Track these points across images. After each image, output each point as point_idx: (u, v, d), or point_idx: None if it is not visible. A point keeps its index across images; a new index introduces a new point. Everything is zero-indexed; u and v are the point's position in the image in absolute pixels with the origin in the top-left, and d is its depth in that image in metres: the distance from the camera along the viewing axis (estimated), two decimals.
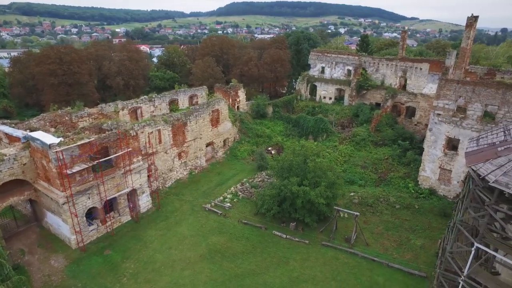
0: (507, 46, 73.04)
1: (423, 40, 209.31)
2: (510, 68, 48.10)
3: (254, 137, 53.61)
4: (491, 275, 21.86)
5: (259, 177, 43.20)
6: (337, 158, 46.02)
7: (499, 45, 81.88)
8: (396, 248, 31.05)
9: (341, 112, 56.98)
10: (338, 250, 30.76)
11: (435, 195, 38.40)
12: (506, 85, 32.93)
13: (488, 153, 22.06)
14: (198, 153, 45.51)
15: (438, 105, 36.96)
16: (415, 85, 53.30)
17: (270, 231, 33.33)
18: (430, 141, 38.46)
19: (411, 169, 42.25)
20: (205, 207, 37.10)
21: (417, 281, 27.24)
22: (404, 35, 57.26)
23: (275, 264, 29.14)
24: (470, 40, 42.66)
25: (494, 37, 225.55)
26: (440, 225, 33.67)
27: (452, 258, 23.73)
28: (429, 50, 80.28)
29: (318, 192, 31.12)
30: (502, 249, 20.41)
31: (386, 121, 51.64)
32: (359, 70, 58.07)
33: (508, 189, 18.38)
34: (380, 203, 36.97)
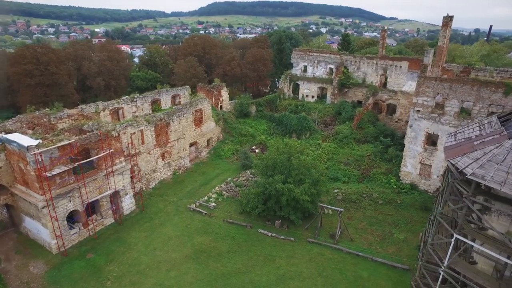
0: (480, 45, 75.60)
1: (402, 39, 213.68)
2: (483, 66, 49.70)
3: (238, 136, 53.56)
4: (469, 264, 22.58)
5: (244, 176, 43.19)
6: (321, 156, 46.48)
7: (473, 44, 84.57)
8: (379, 243, 31.63)
9: (324, 110, 57.57)
10: (323, 246, 31.09)
11: (416, 189, 39.30)
12: (481, 82, 34.03)
13: (465, 147, 22.75)
14: (181, 153, 45.11)
15: (418, 102, 37.84)
16: (395, 82, 54.38)
17: (256, 229, 33.38)
18: (411, 137, 39.35)
19: (393, 165, 43.11)
20: (190, 207, 36.83)
21: (400, 273, 27.83)
22: (384, 34, 58.34)
23: (261, 262, 29.21)
24: (446, 39, 43.86)
25: (468, 37, 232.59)
26: (421, 218, 34.49)
27: (433, 250, 24.37)
28: (408, 48, 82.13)
29: (302, 189, 31.39)
30: (479, 239, 21.13)
31: (368, 119, 52.51)
32: (341, 68, 58.81)
33: (484, 181, 19.01)
34: (364, 199, 37.58)
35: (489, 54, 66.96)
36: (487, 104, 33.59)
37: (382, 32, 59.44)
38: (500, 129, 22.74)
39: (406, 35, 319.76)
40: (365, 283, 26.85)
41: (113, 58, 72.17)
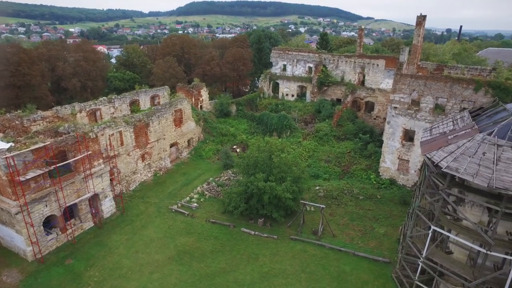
0: (451, 44, 78.03)
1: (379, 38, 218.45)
2: (455, 64, 51.39)
3: (219, 136, 53.35)
4: (446, 254, 23.37)
5: (225, 176, 43.07)
6: (302, 154, 46.90)
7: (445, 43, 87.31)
8: (361, 237, 32.21)
9: (304, 109, 58.12)
10: (306, 243, 31.39)
11: (395, 184, 40.26)
12: (453, 79, 35.25)
13: (440, 141, 23.51)
14: (162, 154, 44.52)
15: (395, 99, 38.77)
16: (372, 80, 55.50)
17: (239, 228, 33.35)
18: (389, 133, 40.28)
19: (372, 161, 44.00)
20: (172, 209, 36.40)
21: (381, 266, 28.43)
22: (361, 33, 59.37)
23: (245, 261, 29.21)
24: (420, 37, 45.09)
25: (440, 36, 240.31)
26: (400, 212, 35.35)
27: (412, 242, 25.09)
28: (384, 47, 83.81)
29: (284, 187, 31.59)
30: (454, 229, 21.90)
31: (347, 116, 53.35)
32: (320, 67, 59.50)
33: (458, 173, 19.72)
34: (345, 195, 38.18)
35: (460, 52, 69.18)
36: (459, 100, 34.80)
37: (359, 31, 60.48)
38: (471, 124, 23.63)
39: (383, 34, 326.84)
40: (348, 277, 27.29)
41: (89, 58, 70.30)
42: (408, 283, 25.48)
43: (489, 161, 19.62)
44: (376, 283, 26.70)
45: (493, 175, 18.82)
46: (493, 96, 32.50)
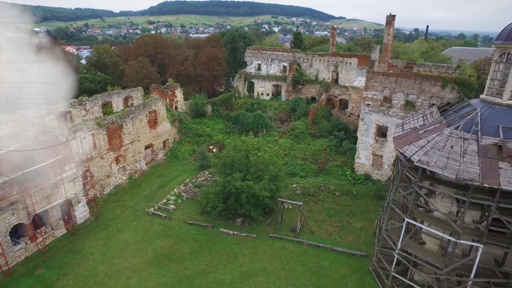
0: (419, 43, 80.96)
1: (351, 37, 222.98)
2: (423, 61, 53.27)
3: (195, 136, 52.83)
4: (419, 245, 24.20)
5: (202, 176, 42.70)
6: (278, 152, 47.21)
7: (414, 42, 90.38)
8: (338, 233, 32.76)
9: (279, 107, 58.53)
10: (285, 241, 31.59)
11: (370, 179, 41.25)
12: (422, 76, 36.54)
13: (411, 136, 24.30)
14: (137, 156, 43.57)
15: (367, 96, 39.71)
16: (346, 78, 56.64)
17: (217, 229, 33.14)
18: (363, 130, 41.21)
19: (347, 158, 44.88)
20: (148, 211, 35.70)
21: (359, 260, 29.03)
22: (333, 33, 60.43)
23: (225, 261, 29.06)
24: (390, 36, 46.45)
25: (409, 36, 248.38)
26: (376, 207, 36.23)
27: (388, 235, 25.81)
28: (356, 46, 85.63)
29: (261, 185, 31.66)
30: (426, 220, 22.71)
31: (322, 114, 54.17)
32: (294, 66, 60.10)
33: (429, 166, 20.44)
34: (321, 191, 38.73)
35: (427, 51, 71.79)
36: (428, 96, 36.08)
37: (332, 30, 61.56)
38: (440, 119, 24.55)
39: (355, 33, 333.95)
40: (327, 273, 27.70)
41: None
42: (384, 275, 26.18)
43: (457, 154, 20.46)
44: (354, 276, 27.25)
45: (460, 167, 19.65)
46: (459, 92, 33.94)
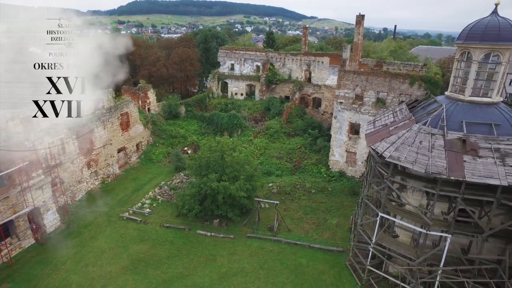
0: (388, 42, 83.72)
1: (323, 37, 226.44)
2: (392, 60, 55.01)
3: (169, 138, 52.02)
4: (392, 238, 24.99)
5: (178, 178, 42.13)
6: (253, 152, 47.31)
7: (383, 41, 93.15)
8: (315, 230, 33.23)
9: (253, 107, 58.67)
10: (263, 240, 31.69)
11: (345, 176, 42.09)
12: (391, 74, 37.71)
13: (383, 133, 24.99)
14: (109, 160, 42.37)
15: (340, 94, 40.51)
16: (318, 77, 57.52)
17: (194, 231, 32.79)
18: (336, 127, 42.00)
19: (322, 155, 45.61)
20: (123, 216, 34.81)
21: (335, 256, 29.54)
22: (305, 32, 61.25)
23: (203, 263, 28.79)
24: (360, 35, 47.63)
25: (378, 35, 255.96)
26: (351, 203, 36.97)
27: (363, 230, 26.44)
28: (328, 45, 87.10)
29: (238, 186, 31.60)
30: (399, 214, 23.48)
31: (296, 113, 54.77)
32: (267, 65, 60.41)
33: (400, 162, 21.13)
34: (297, 190, 39.15)
35: (396, 49, 74.14)
36: (397, 94, 37.27)
37: (304, 30, 62.35)
38: (409, 115, 25.40)
39: (326, 32, 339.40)
40: (305, 270, 28.02)
41: None
42: (360, 269, 26.80)
43: (425, 149, 21.26)
44: (332, 272, 27.72)
45: (429, 162, 20.44)
46: (426, 89, 35.25)
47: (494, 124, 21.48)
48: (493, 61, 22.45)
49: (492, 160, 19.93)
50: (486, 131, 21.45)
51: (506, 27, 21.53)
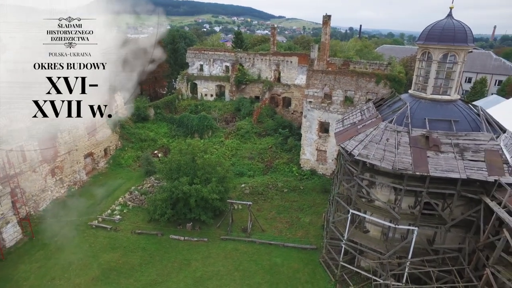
0: (354, 41, 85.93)
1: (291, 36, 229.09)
2: (359, 59, 56.58)
3: (138, 141, 50.72)
4: (363, 233, 25.71)
5: (148, 183, 41.19)
6: (225, 153, 47.10)
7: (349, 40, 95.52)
8: (288, 229, 33.55)
9: (224, 108, 58.37)
10: (237, 242, 31.62)
11: (316, 174, 42.80)
12: (358, 73, 38.78)
13: (351, 131, 25.60)
14: (75, 166, 40.70)
15: (309, 93, 41.13)
16: (288, 77, 58.10)
17: (167, 236, 32.18)
18: (306, 126, 42.62)
19: (293, 154, 46.13)
20: (92, 225, 33.56)
21: (309, 254, 29.96)
22: (273, 32, 61.67)
23: (177, 269, 28.32)
24: (327, 35, 48.49)
25: (345, 34, 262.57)
26: (323, 200, 37.66)
27: (335, 227, 27.00)
28: (296, 45, 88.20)
29: (210, 188, 31.35)
30: (369, 210, 24.19)
31: (266, 113, 55.06)
32: (236, 66, 60.29)
33: (368, 159, 21.75)
34: (270, 189, 39.38)
35: (361, 49, 76.28)
36: (364, 92, 38.36)
37: (272, 30, 62.75)
38: (376, 113, 26.17)
39: (294, 32, 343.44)
40: (280, 269, 28.23)
41: None
42: (334, 265, 27.36)
43: (392, 146, 22.00)
44: (306, 269, 28.10)
45: (396, 158, 21.19)
46: (391, 87, 36.48)
47: (454, 121, 22.60)
48: (451, 61, 23.60)
49: (453, 155, 20.96)
50: (447, 127, 22.53)
51: (460, 29, 22.77)
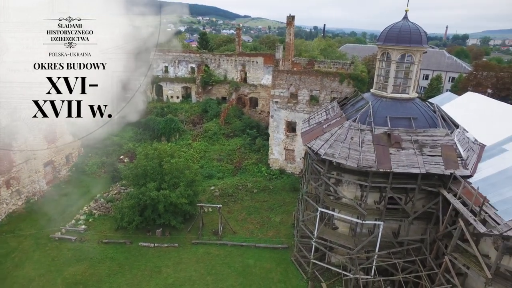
0: (318, 41, 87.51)
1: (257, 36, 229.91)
2: (323, 58, 57.83)
3: (103, 147, 48.85)
4: (333, 230, 26.33)
5: (115, 190, 39.88)
6: (193, 156, 46.51)
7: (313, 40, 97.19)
8: (260, 229, 33.68)
9: (190, 110, 57.56)
10: (208, 245, 31.33)
11: (285, 174, 43.26)
12: (322, 73, 39.61)
13: (317, 131, 26.10)
14: (34, 176, 38.53)
15: (275, 94, 41.49)
16: (254, 77, 58.24)
17: (136, 243, 31.29)
18: (273, 126, 42.98)
19: (261, 154, 46.35)
20: (54, 237, 31.91)
21: (281, 253, 30.22)
22: (239, 32, 61.70)
23: (148, 277, 27.61)
24: (292, 35, 49.16)
25: (309, 33, 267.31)
26: (292, 199, 38.07)
27: (305, 225, 27.44)
28: (262, 45, 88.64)
29: (178, 193, 30.83)
30: (337, 207, 24.81)
31: (233, 113, 54.92)
32: (202, 67, 59.65)
33: (334, 158, 22.28)
34: (240, 191, 39.34)
35: (326, 48, 77.83)
36: (329, 92, 39.25)
37: (237, 30, 62.77)
38: (340, 112, 26.83)
39: (260, 31, 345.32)
40: (252, 270, 28.29)
41: None
42: (305, 263, 27.79)
43: (356, 145, 22.67)
44: (279, 269, 28.33)
45: (360, 156, 21.86)
46: (354, 86, 37.58)
47: (413, 118, 23.66)
48: (408, 61, 24.67)
49: (413, 151, 21.95)
50: (406, 124, 23.54)
51: (415, 31, 23.90)
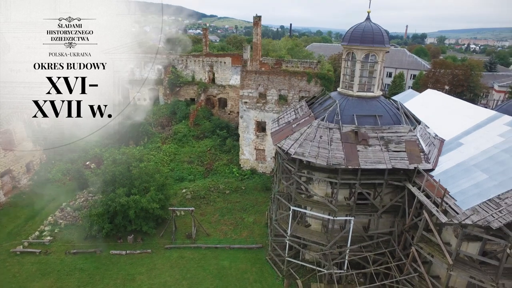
0: (285, 40, 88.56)
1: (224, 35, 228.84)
2: (290, 58, 58.60)
3: (67, 153, 46.82)
4: (305, 228, 26.84)
5: (82, 197, 38.35)
6: (163, 159, 45.65)
7: (280, 39, 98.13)
8: (233, 230, 33.66)
9: (159, 112, 56.44)
10: (182, 249, 30.91)
11: (256, 173, 43.48)
12: (290, 72, 40.17)
13: (287, 130, 26.46)
14: None
15: (244, 94, 41.59)
16: (222, 78, 57.99)
17: (107, 252, 30.31)
18: (243, 127, 43.07)
19: (232, 155, 46.31)
20: (15, 251, 30.19)
21: (256, 253, 30.37)
22: (205, 33, 61.27)
23: (121, 286, 26.84)
24: (259, 36, 49.44)
25: (276, 33, 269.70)
26: (265, 199, 38.38)
27: (278, 224, 27.75)
28: (229, 45, 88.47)
29: (149, 197, 30.25)
30: (308, 205, 25.33)
31: (202, 115, 54.42)
32: (169, 68, 58.64)
33: (304, 157, 22.71)
34: (212, 192, 39.13)
35: (293, 47, 78.89)
36: (297, 91, 39.87)
37: (204, 31, 62.33)
38: (308, 112, 27.36)
39: (227, 31, 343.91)
40: (228, 272, 28.23)
41: None
42: (280, 261, 28.13)
43: (325, 143, 23.21)
44: (254, 269, 28.48)
45: (329, 154, 22.41)
46: (321, 85, 38.41)
47: (378, 115, 24.56)
48: (372, 60, 25.56)
49: (379, 147, 22.80)
50: (372, 122, 24.41)
51: (377, 32, 24.82)
